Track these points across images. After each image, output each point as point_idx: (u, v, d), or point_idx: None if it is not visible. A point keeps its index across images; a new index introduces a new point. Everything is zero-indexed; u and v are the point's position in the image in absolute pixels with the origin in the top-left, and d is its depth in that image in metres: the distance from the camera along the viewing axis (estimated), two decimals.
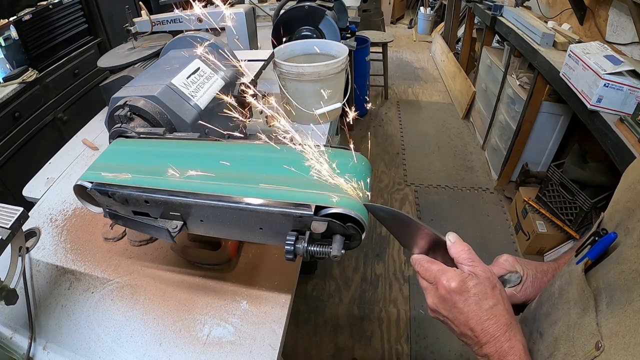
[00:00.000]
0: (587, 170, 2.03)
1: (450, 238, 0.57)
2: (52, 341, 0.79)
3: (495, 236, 2.51)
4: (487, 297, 0.52)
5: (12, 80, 1.97)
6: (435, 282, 0.54)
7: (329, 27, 1.63)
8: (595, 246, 0.49)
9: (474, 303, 0.52)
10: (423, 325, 1.99)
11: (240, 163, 0.68)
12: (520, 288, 0.64)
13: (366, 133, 3.59)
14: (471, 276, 0.53)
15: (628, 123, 1.46)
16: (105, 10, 2.63)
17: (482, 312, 0.51)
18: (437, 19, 5.85)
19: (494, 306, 0.52)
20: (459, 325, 0.53)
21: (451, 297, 0.52)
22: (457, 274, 0.53)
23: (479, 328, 0.51)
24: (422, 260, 0.58)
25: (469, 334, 0.53)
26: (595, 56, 1.63)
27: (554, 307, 0.54)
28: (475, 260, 0.55)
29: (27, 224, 0.98)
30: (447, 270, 0.54)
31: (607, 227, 0.52)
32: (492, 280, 0.54)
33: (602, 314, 0.45)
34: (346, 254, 1.10)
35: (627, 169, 0.56)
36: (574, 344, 0.47)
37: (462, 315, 0.52)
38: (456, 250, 0.56)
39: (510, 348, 0.50)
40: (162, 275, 0.91)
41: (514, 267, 0.65)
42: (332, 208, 0.55)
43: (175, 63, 0.96)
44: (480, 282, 0.53)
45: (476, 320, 0.51)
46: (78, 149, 1.37)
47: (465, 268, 0.55)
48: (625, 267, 0.44)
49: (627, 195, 0.51)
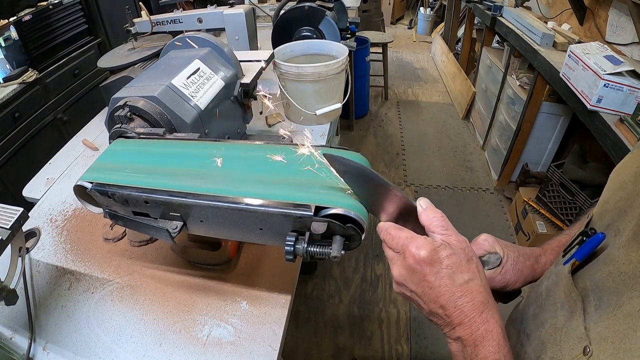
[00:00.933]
0: (587, 171, 2.03)
1: (422, 204, 0.50)
2: (52, 341, 0.79)
3: (495, 236, 2.50)
4: (462, 270, 0.45)
5: (12, 81, 1.97)
6: (403, 251, 0.47)
7: (329, 27, 1.63)
8: (583, 246, 0.47)
9: (446, 276, 0.45)
10: (423, 325, 1.99)
11: (240, 163, 0.68)
12: (500, 270, 0.58)
13: (366, 133, 3.59)
14: (444, 245, 0.46)
15: (628, 123, 1.46)
16: (105, 10, 2.63)
17: (455, 287, 0.45)
18: (437, 19, 5.85)
19: (469, 281, 0.45)
20: (427, 302, 0.47)
21: (420, 267, 0.46)
22: (428, 242, 0.46)
23: (452, 305, 0.45)
24: (389, 227, 0.50)
25: (439, 312, 0.46)
26: (595, 56, 1.63)
27: (541, 309, 0.52)
28: (450, 228, 0.48)
29: (27, 224, 0.98)
30: (417, 238, 0.47)
31: (596, 226, 0.50)
32: (467, 252, 0.47)
33: (590, 317, 0.43)
34: (346, 255, 1.10)
35: (616, 167, 0.53)
36: (561, 347, 0.45)
37: (432, 290, 0.46)
38: (428, 216, 0.49)
39: (487, 332, 0.44)
40: (162, 275, 0.91)
41: (494, 247, 0.59)
42: (332, 209, 0.55)
43: (175, 63, 0.96)
44: (454, 253, 0.46)
45: (448, 296, 0.45)
46: (78, 149, 1.37)
47: (438, 237, 0.48)
48: (614, 268, 0.42)
49: (618, 194, 0.49)
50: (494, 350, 0.44)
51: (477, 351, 0.44)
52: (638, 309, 0.38)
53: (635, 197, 0.45)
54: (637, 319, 0.37)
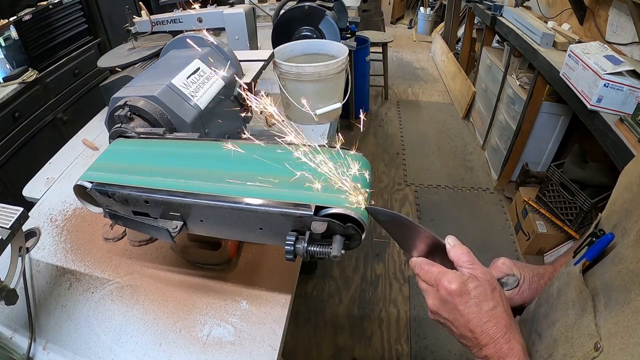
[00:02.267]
0: (587, 170, 2.03)
1: (450, 241, 0.58)
2: (52, 341, 0.79)
3: (495, 236, 2.51)
4: (487, 299, 0.52)
5: (12, 81, 1.97)
6: (436, 284, 0.55)
7: (329, 27, 1.63)
8: (593, 247, 0.50)
9: (474, 305, 0.52)
10: (423, 325, 1.99)
11: (240, 163, 0.68)
12: (518, 291, 0.65)
13: (366, 133, 3.59)
14: (471, 278, 0.53)
15: (628, 123, 1.46)
16: (105, 10, 2.63)
17: (482, 314, 0.51)
18: (437, 19, 5.85)
19: (493, 308, 0.52)
20: (459, 327, 0.54)
21: (452, 299, 0.53)
22: (457, 276, 0.53)
23: (479, 330, 0.51)
24: (422, 262, 0.58)
25: (469, 336, 0.53)
26: (595, 56, 1.63)
27: (552, 308, 0.55)
28: (475, 262, 0.56)
29: (27, 224, 0.98)
30: (448, 272, 0.54)
31: (604, 227, 0.53)
32: (492, 282, 0.54)
33: (600, 314, 0.45)
34: (346, 254, 1.10)
35: (624, 169, 0.56)
36: (573, 344, 0.47)
37: (462, 317, 0.52)
38: (456, 253, 0.56)
39: (510, 350, 0.50)
40: (162, 275, 0.91)
41: (511, 270, 0.65)
42: (332, 208, 0.55)
43: (175, 63, 0.96)
44: (480, 285, 0.53)
45: (476, 322, 0.51)
46: (78, 149, 1.37)
47: (465, 271, 0.55)
48: (623, 267, 0.44)
49: (625, 195, 0.51)
50: None
51: None
52: None
53: None
54: None
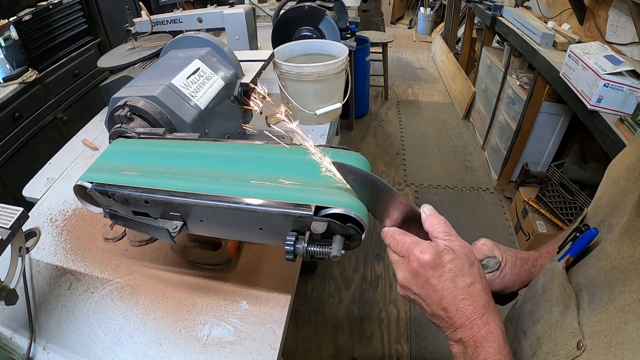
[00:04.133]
0: (587, 170, 2.03)
1: (425, 210, 0.52)
2: (52, 341, 0.79)
3: (495, 236, 2.51)
4: (464, 274, 0.47)
5: (12, 81, 1.97)
6: (407, 255, 0.49)
7: (329, 27, 1.63)
8: (577, 242, 0.48)
9: (449, 280, 0.47)
10: (423, 325, 1.99)
11: (240, 163, 0.68)
12: (499, 274, 0.60)
13: (366, 133, 3.59)
14: (447, 250, 0.48)
15: (628, 123, 1.46)
16: (105, 10, 2.63)
17: (457, 290, 0.46)
18: (437, 19, 5.85)
19: (471, 285, 0.47)
20: (430, 305, 0.48)
21: (424, 271, 0.47)
22: (431, 247, 0.48)
23: (454, 308, 0.46)
24: (394, 232, 0.52)
25: (441, 315, 0.48)
26: (595, 56, 1.63)
27: (537, 305, 0.53)
28: (452, 234, 0.50)
29: (27, 224, 0.98)
30: (421, 242, 0.49)
31: (590, 223, 0.51)
32: (469, 256, 0.49)
33: (583, 312, 0.44)
34: (346, 254, 1.11)
35: (610, 164, 0.54)
36: (556, 342, 0.45)
37: (435, 293, 0.47)
38: (431, 223, 0.51)
39: (488, 333, 0.45)
40: (162, 275, 0.91)
41: (492, 252, 0.61)
42: (332, 208, 0.55)
43: (175, 63, 0.96)
44: (456, 257, 0.48)
45: (450, 299, 0.46)
46: (78, 149, 1.37)
47: (441, 242, 0.49)
48: (606, 263, 0.43)
49: (611, 190, 0.50)
50: (494, 352, 0.45)
51: (477, 352, 0.45)
52: (629, 302, 0.39)
53: (627, 193, 0.46)
54: (629, 313, 0.38)
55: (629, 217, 0.43)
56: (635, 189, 0.45)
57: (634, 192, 0.45)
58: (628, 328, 0.38)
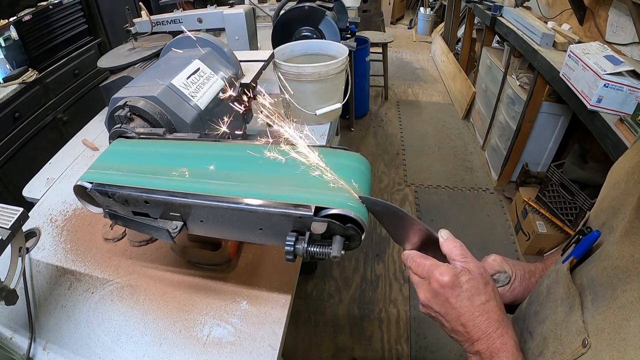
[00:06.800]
0: (587, 171, 2.03)
1: (443, 234, 0.57)
2: (52, 341, 0.79)
3: (495, 236, 2.51)
4: (480, 292, 0.52)
5: (12, 81, 1.97)
6: (428, 277, 0.54)
7: (329, 27, 1.63)
8: (580, 244, 0.50)
9: (466, 298, 0.51)
10: (423, 325, 1.99)
11: (240, 163, 0.68)
12: (509, 288, 0.65)
13: (366, 133, 3.59)
14: (464, 272, 0.53)
15: (628, 123, 1.46)
16: (105, 10, 2.63)
17: (474, 307, 0.51)
18: (437, 19, 5.85)
19: (486, 302, 0.51)
20: (450, 321, 0.53)
21: (444, 291, 0.52)
22: (450, 269, 0.53)
23: (471, 324, 0.51)
24: (415, 255, 0.57)
25: (460, 330, 0.52)
26: (595, 56, 1.63)
27: (542, 306, 0.55)
28: (468, 256, 0.55)
29: (27, 224, 0.98)
30: (440, 265, 0.54)
31: (592, 225, 0.53)
32: (484, 276, 0.54)
33: (587, 311, 0.46)
34: (346, 255, 1.10)
35: (612, 168, 0.57)
36: (562, 342, 0.47)
37: (454, 311, 0.52)
38: (449, 246, 0.56)
39: (502, 345, 0.49)
40: (162, 275, 0.91)
41: (502, 267, 0.65)
42: (332, 209, 0.55)
43: (175, 63, 0.96)
44: (472, 278, 0.52)
45: (468, 316, 0.51)
46: (78, 149, 1.37)
47: (458, 264, 0.54)
48: (608, 263, 0.45)
49: (612, 193, 0.52)
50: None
51: None
52: (631, 300, 0.41)
53: (627, 195, 0.48)
54: (630, 310, 0.40)
55: (629, 219, 0.45)
56: (634, 192, 0.47)
57: (634, 195, 0.46)
58: (630, 325, 0.39)
